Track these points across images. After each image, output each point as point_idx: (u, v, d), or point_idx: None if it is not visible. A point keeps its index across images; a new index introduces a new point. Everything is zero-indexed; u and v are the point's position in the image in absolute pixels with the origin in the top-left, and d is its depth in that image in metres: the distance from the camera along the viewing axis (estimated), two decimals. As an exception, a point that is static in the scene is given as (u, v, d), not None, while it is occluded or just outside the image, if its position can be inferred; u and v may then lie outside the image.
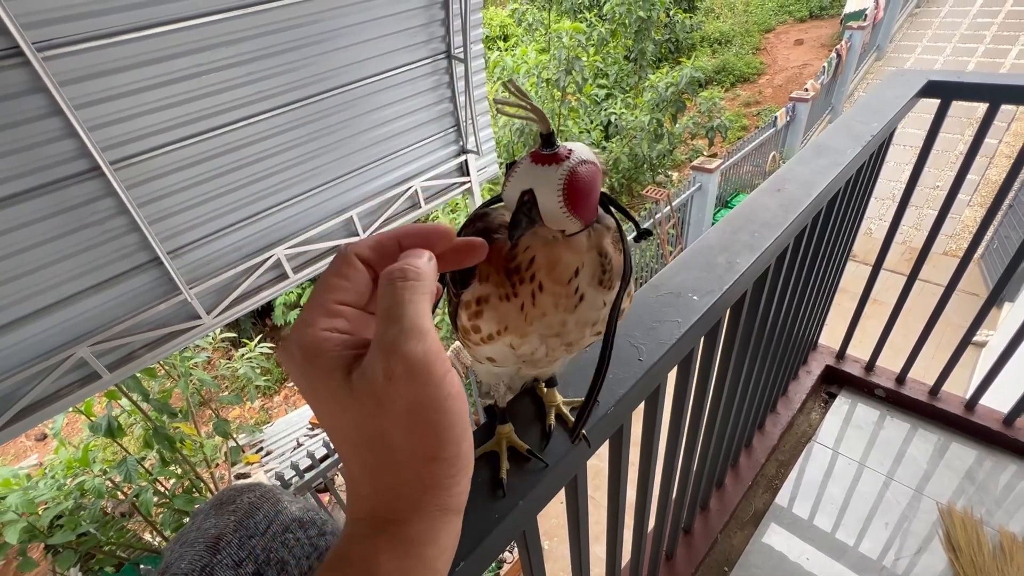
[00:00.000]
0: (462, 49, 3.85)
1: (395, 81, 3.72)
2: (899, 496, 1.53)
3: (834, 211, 1.11)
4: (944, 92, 1.25)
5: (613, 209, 0.40)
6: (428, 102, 4.01)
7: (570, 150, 0.34)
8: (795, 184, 0.89)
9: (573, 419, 0.52)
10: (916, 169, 1.38)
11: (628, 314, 0.65)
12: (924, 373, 1.73)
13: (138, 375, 3.30)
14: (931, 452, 1.63)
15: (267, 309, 8.68)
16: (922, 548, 1.39)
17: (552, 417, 0.52)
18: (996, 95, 1.19)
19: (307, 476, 3.80)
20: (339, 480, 4.18)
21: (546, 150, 0.34)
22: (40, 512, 3.38)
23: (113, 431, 3.15)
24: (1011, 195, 5.72)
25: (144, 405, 3.54)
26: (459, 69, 3.98)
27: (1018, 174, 1.30)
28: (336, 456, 4.07)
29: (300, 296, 7.97)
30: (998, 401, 1.65)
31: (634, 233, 0.40)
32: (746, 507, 1.56)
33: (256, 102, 3.04)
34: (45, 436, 8.19)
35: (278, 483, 3.85)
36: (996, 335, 4.59)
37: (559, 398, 0.54)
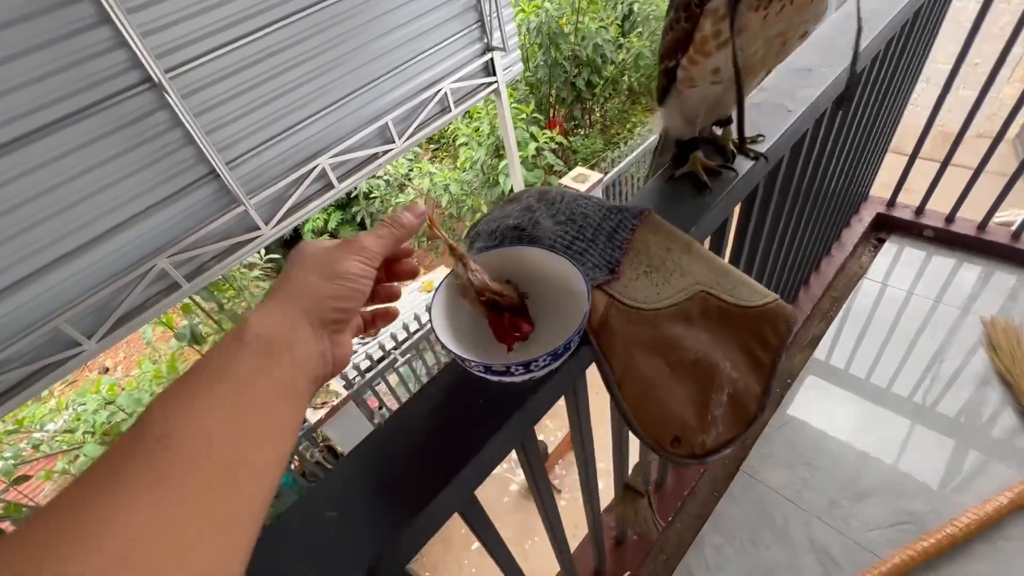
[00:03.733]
0: (483, -68, 3.64)
1: (414, -25, 3.58)
2: (945, 315, 1.71)
3: (903, 41, 1.17)
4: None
5: None
6: (450, -5, 3.87)
7: None
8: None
9: (751, 149, 0.66)
10: (975, 25, 1.40)
11: (767, 86, 0.77)
12: (973, 212, 1.84)
13: (209, 287, 3.54)
14: (976, 279, 1.78)
15: (295, 238, 8.89)
16: (967, 352, 1.58)
17: (731, 147, 0.66)
18: None
19: (368, 375, 4.16)
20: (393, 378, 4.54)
21: None
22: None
23: (197, 338, 3.44)
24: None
25: (216, 316, 3.82)
26: (480, -44, 3.79)
27: None
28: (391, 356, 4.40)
29: (326, 222, 8.11)
30: (1044, 229, 1.77)
31: None
32: (804, 334, 1.76)
33: (285, 2, 2.99)
34: (107, 369, 8.80)
35: (344, 383, 4.23)
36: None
37: (732, 134, 0.67)
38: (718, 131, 0.68)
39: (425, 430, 0.45)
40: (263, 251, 4.98)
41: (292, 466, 4.36)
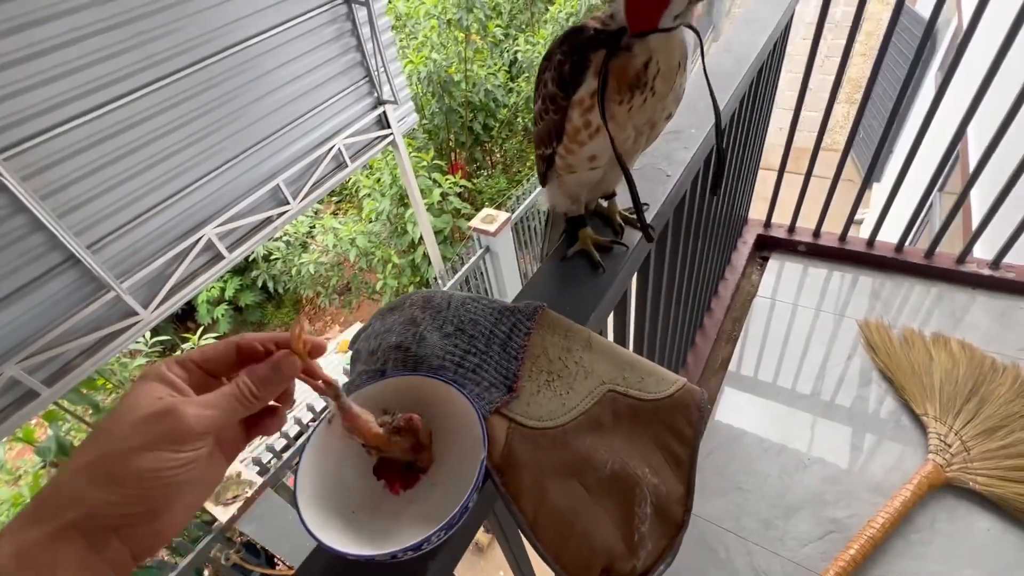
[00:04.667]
0: (361, -9, 3.67)
1: (293, 34, 3.49)
2: (826, 322, 1.87)
3: (767, 73, 1.31)
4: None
5: None
6: (333, 53, 3.82)
7: None
8: (740, 45, 1.05)
9: (636, 219, 0.65)
10: (810, 59, 1.62)
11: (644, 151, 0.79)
12: (834, 226, 2.07)
13: (79, 387, 3.05)
14: (845, 285, 1.98)
15: (188, 311, 8.06)
16: (849, 354, 1.74)
17: (618, 220, 0.65)
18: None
19: (285, 456, 3.78)
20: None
21: None
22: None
23: (65, 449, 2.93)
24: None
25: (91, 419, 3.28)
26: (361, 14, 3.80)
27: (877, 72, 1.55)
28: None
29: (223, 290, 7.47)
30: (889, 235, 2.03)
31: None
32: (715, 357, 1.84)
33: (147, 69, 2.76)
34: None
35: (257, 469, 3.80)
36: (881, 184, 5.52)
37: (618, 207, 0.67)
38: (604, 203, 0.67)
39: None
40: (148, 334, 4.43)
41: (205, 573, 3.80)
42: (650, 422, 0.47)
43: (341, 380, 0.40)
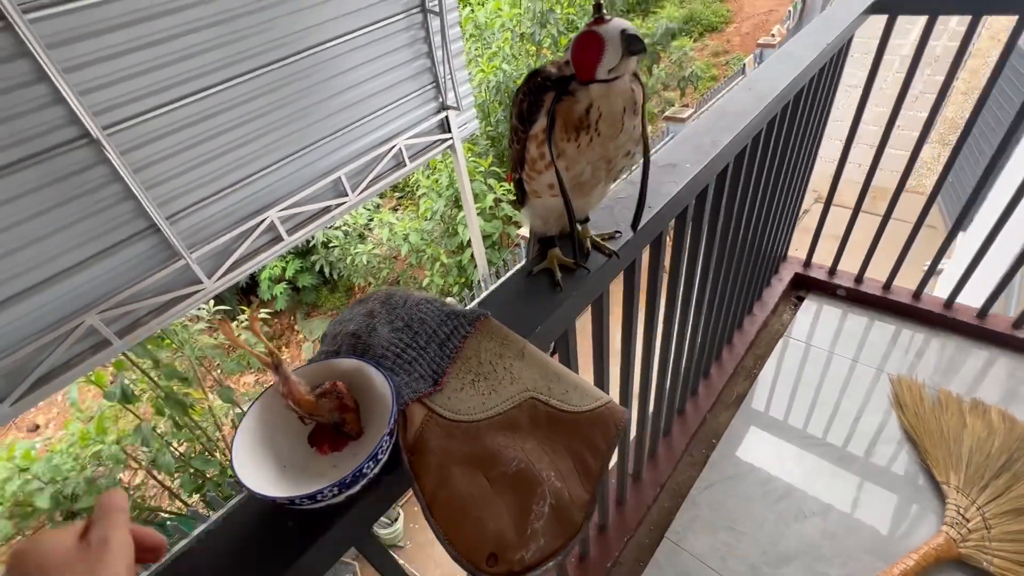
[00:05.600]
0: (436, 2, 3.86)
1: (370, 38, 3.73)
2: (854, 370, 1.78)
3: (800, 106, 1.29)
4: (890, 7, 1.42)
5: None
6: (405, 58, 4.03)
7: (611, 16, 0.51)
8: (764, 83, 1.06)
9: (605, 246, 0.69)
10: (862, 100, 1.57)
11: (636, 180, 0.82)
12: (878, 272, 1.97)
13: (145, 343, 3.39)
14: (885, 336, 1.88)
15: (251, 286, 8.67)
16: (875, 409, 1.65)
17: (588, 244, 0.70)
18: (934, 5, 1.37)
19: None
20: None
21: (597, 15, 0.50)
22: (60, 483, 3.51)
23: (128, 397, 3.25)
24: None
25: (152, 373, 3.63)
26: (434, 24, 3.99)
27: (982, 105, 1.47)
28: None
29: (284, 270, 7.98)
30: (940, 290, 1.90)
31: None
32: (729, 392, 1.80)
33: (235, 63, 3.05)
34: (37, 427, 8.16)
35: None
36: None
37: (591, 231, 0.71)
38: (579, 227, 0.71)
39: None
40: (212, 302, 4.83)
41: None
42: (567, 432, 0.51)
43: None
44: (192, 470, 3.88)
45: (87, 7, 2.38)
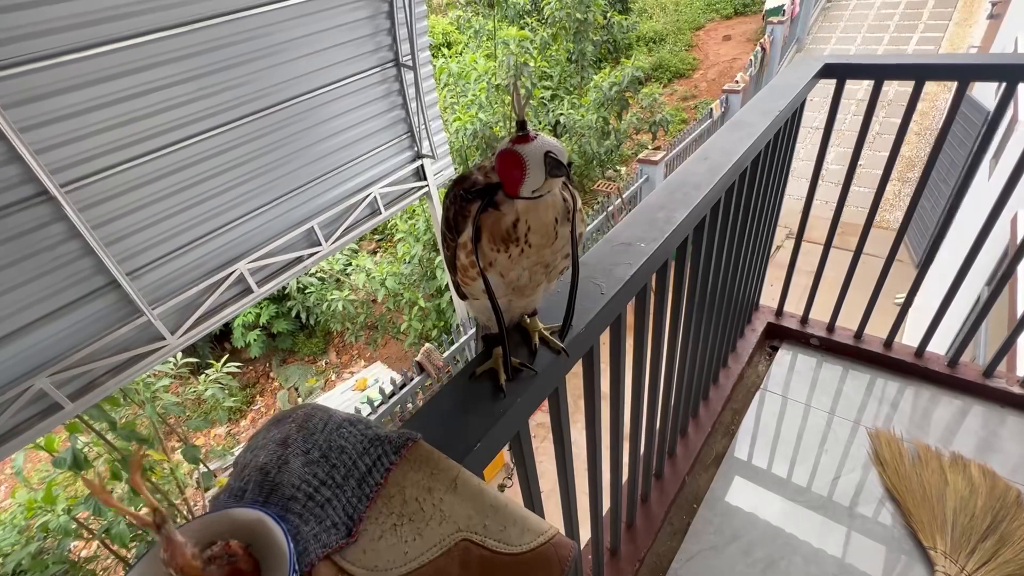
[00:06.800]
0: (410, 56, 3.95)
1: (346, 91, 3.77)
2: (835, 426, 1.75)
3: (757, 173, 1.30)
4: (839, 72, 1.47)
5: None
6: (380, 110, 4.08)
7: (536, 133, 0.48)
8: (718, 153, 1.06)
9: (553, 341, 0.65)
10: (822, 149, 1.60)
11: (589, 261, 0.79)
12: (850, 309, 1.96)
13: (101, 404, 3.20)
14: (859, 386, 1.86)
15: (225, 333, 8.42)
16: (855, 466, 1.61)
17: (536, 339, 0.65)
18: (879, 73, 1.42)
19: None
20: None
21: (521, 133, 0.48)
22: (1, 560, 3.23)
23: (80, 463, 3.04)
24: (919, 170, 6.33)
25: (109, 436, 3.41)
26: (408, 76, 4.07)
27: (939, 150, 1.52)
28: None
29: (258, 316, 7.79)
30: (909, 338, 1.90)
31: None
32: (708, 451, 1.74)
33: (206, 118, 3.03)
34: (-15, 489, 7.62)
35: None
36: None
37: (540, 325, 0.66)
38: (527, 319, 0.68)
39: None
40: (178, 356, 4.64)
41: None
42: (504, 577, 0.45)
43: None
44: (150, 539, 3.60)
45: (48, 68, 2.35)
